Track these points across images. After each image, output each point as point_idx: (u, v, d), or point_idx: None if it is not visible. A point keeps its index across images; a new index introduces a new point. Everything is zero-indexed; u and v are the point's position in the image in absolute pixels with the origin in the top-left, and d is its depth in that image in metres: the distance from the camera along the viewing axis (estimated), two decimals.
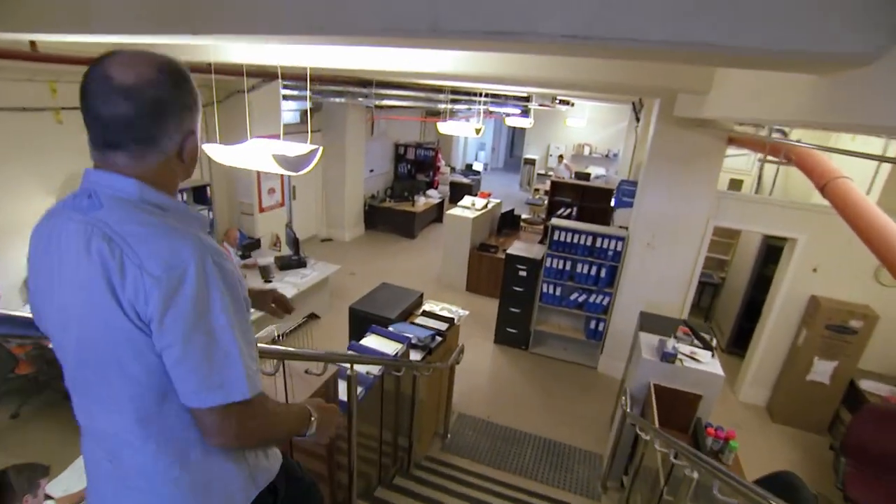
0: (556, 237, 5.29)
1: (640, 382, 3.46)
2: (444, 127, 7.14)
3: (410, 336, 3.44)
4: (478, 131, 7.13)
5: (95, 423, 0.87)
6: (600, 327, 5.42)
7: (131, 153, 0.80)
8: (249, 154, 3.06)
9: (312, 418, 1.04)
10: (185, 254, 0.75)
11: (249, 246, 6.58)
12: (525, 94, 9.87)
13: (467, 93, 9.02)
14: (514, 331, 5.86)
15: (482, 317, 6.58)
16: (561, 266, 5.37)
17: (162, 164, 0.83)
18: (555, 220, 5.37)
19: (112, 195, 0.79)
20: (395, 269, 8.17)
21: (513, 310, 5.78)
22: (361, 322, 3.82)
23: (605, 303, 5.31)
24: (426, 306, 4.31)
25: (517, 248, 5.88)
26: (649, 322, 3.95)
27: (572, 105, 12.54)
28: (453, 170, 13.67)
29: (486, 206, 7.65)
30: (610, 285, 5.31)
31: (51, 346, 0.88)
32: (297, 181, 8.70)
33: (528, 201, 11.02)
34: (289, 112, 9.03)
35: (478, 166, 14.42)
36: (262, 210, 7.04)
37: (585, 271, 5.27)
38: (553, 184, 7.70)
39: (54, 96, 4.87)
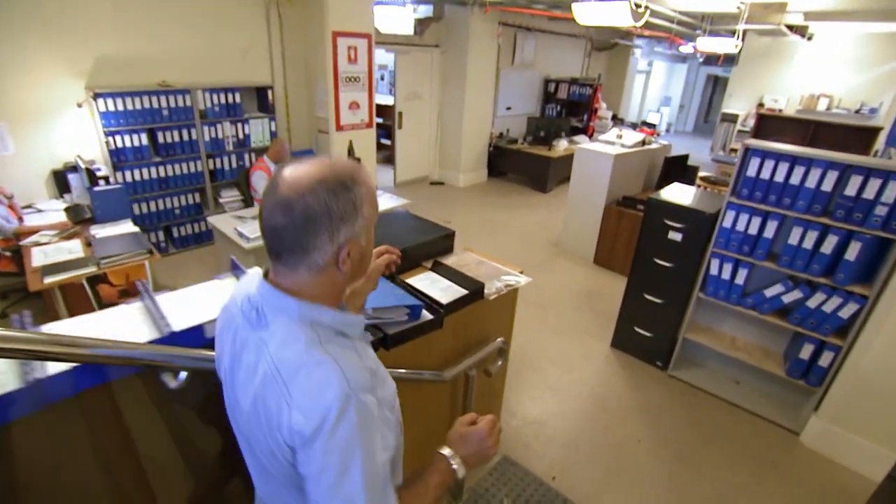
0: (750, 171, 2.72)
1: None
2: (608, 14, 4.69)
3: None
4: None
5: (258, 487, 0.95)
6: (824, 360, 2.72)
7: (286, 265, 0.79)
8: None
9: (454, 466, 0.92)
10: (329, 396, 0.72)
11: None
12: (737, 11, 6.66)
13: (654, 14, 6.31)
14: (646, 334, 3.47)
15: (608, 303, 4.26)
16: (754, 229, 2.79)
17: (317, 275, 0.80)
18: (753, 141, 2.76)
19: (276, 314, 0.80)
20: (504, 225, 6.18)
21: (649, 298, 3.38)
22: None
23: (844, 314, 2.60)
24: (453, 258, 2.34)
25: (671, 192, 3.39)
26: None
27: (809, 37, 8.52)
28: (621, 122, 10.76)
29: (642, 142, 5.08)
30: (866, 280, 2.57)
31: None
32: (405, 106, 7.21)
33: (715, 158, 7.72)
34: (393, 14, 7.50)
35: (654, 119, 11.14)
36: (339, 128, 5.69)
37: (807, 244, 2.62)
38: (761, 118, 4.74)
39: None
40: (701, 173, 6.10)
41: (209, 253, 5.05)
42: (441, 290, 1.93)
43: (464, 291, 1.91)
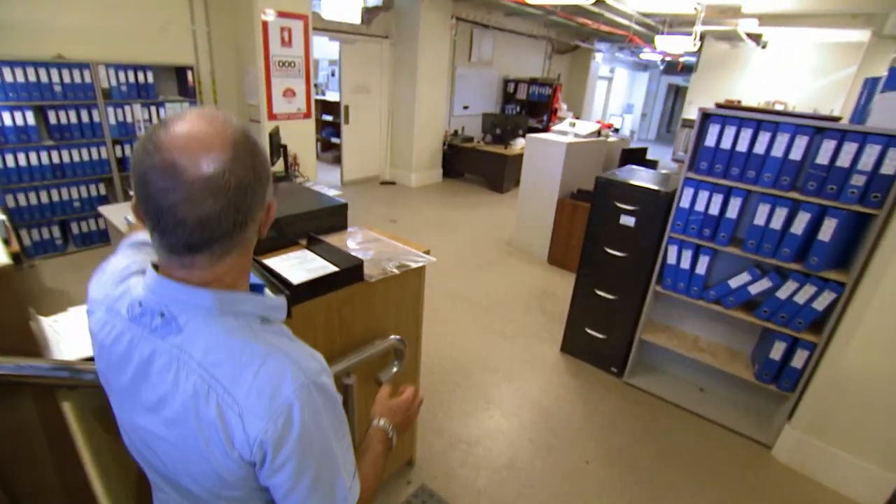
0: (709, 141, 2.34)
1: None
2: None
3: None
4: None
5: None
6: (797, 360, 2.33)
7: (214, 252, 0.62)
8: None
9: (390, 435, 0.93)
10: (286, 391, 0.61)
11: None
12: (693, 13, 6.51)
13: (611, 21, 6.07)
14: (598, 336, 3.03)
15: (560, 304, 3.83)
16: (715, 208, 2.40)
17: (242, 254, 0.66)
18: (709, 108, 2.39)
19: (189, 313, 0.64)
20: (455, 224, 5.73)
21: (601, 294, 2.96)
22: None
23: (819, 305, 2.21)
24: (340, 235, 1.84)
25: (622, 172, 3.00)
26: None
27: (763, 45, 8.60)
28: None
29: (597, 133, 4.74)
30: (842, 266, 2.20)
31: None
32: (352, 100, 6.74)
33: (676, 158, 7.52)
34: (339, 1, 7.02)
35: (617, 124, 11.01)
36: (272, 117, 5.15)
37: (775, 223, 2.24)
38: (718, 107, 4.45)
39: None
40: (661, 170, 5.83)
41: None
42: (308, 270, 1.43)
43: (333, 269, 1.41)
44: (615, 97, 12.99)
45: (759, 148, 2.21)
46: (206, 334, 0.63)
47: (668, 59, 11.31)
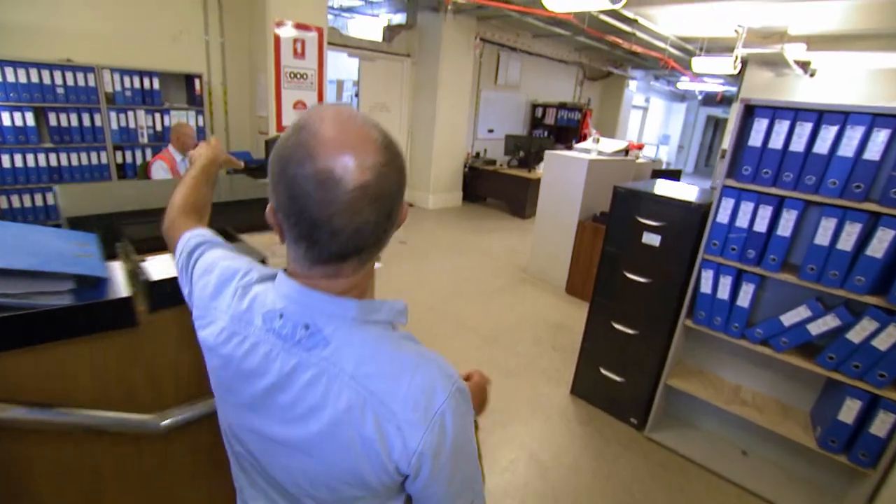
0: (754, 140, 1.88)
1: None
2: None
3: None
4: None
5: None
6: (878, 426, 1.76)
7: (362, 260, 0.61)
8: None
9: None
10: (438, 397, 0.59)
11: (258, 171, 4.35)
12: (733, 35, 6.10)
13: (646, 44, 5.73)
14: (615, 378, 2.52)
15: (575, 338, 3.35)
16: (763, 224, 1.91)
17: (370, 262, 0.65)
18: (755, 99, 1.94)
19: (335, 325, 0.61)
20: (469, 248, 5.33)
21: (619, 328, 2.46)
22: None
23: None
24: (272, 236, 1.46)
25: (646, 184, 2.55)
26: None
27: (812, 73, 8.09)
28: None
29: (623, 152, 4.30)
30: None
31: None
32: (371, 116, 6.49)
33: (714, 186, 6.96)
34: (362, 21, 6.96)
35: (649, 152, 10.49)
36: (281, 130, 4.96)
37: (844, 244, 1.73)
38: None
39: None
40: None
41: None
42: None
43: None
44: (650, 127, 12.49)
45: (821, 146, 1.74)
46: (354, 346, 0.60)
47: (705, 88, 10.82)
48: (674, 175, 4.30)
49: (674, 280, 2.23)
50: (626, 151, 4.35)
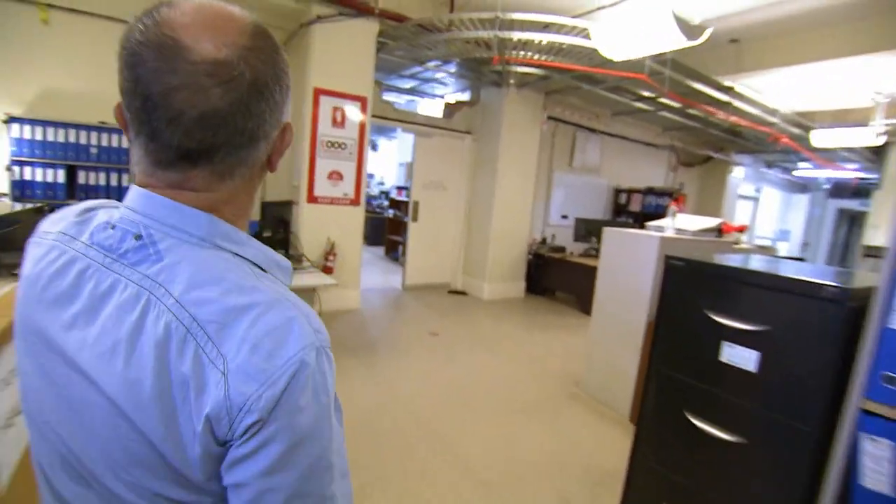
0: None
1: None
2: None
3: None
4: None
5: None
6: None
7: (215, 168, 0.49)
8: None
9: None
10: (291, 346, 0.45)
11: (280, 241, 3.80)
12: (870, 105, 4.95)
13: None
14: None
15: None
16: None
17: (245, 182, 0.52)
18: None
19: (175, 240, 0.49)
20: (515, 344, 4.32)
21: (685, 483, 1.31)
22: None
23: None
24: None
25: (732, 258, 1.49)
26: None
27: None
28: None
29: (714, 232, 3.17)
30: None
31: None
32: (424, 196, 6.08)
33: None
34: (424, 99, 6.72)
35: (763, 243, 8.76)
36: (312, 200, 4.58)
37: None
38: None
39: None
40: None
41: None
42: None
43: None
44: (764, 220, 10.72)
45: None
46: (192, 265, 0.47)
47: (833, 175, 9.12)
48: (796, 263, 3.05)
49: (791, 446, 1.11)
50: (719, 232, 3.22)
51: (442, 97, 6.82)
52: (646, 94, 5.47)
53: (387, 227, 8.60)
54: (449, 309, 5.46)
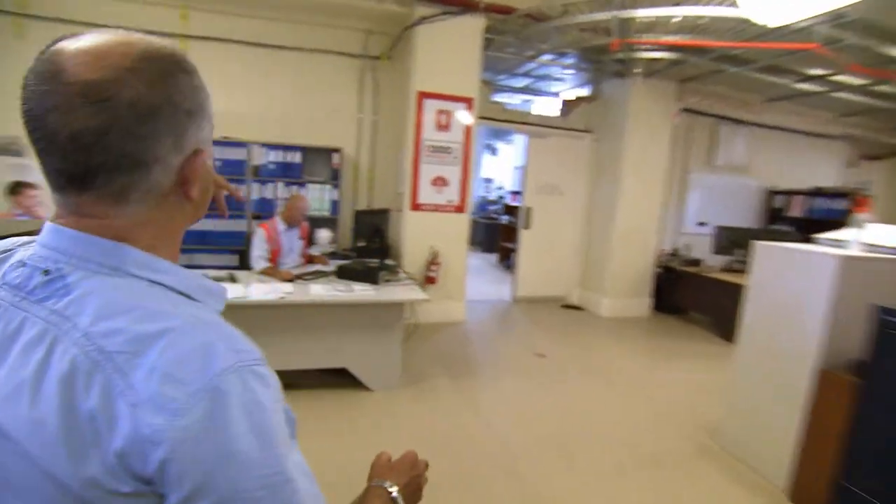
0: None
1: None
2: None
3: None
4: None
5: None
6: None
7: (105, 194, 0.47)
8: None
9: (394, 495, 0.68)
10: (209, 368, 0.43)
11: (375, 251, 3.81)
12: None
13: None
14: None
15: None
16: None
17: (154, 209, 0.51)
18: None
19: (85, 272, 0.47)
20: (632, 380, 3.74)
21: None
22: None
23: None
24: None
25: None
26: None
27: None
28: None
29: None
30: None
31: None
32: (537, 202, 5.68)
33: None
34: (540, 97, 6.21)
35: None
36: (415, 207, 4.46)
37: None
38: None
39: None
40: None
41: None
42: None
43: None
44: None
45: None
46: (101, 296, 0.46)
47: None
48: None
49: None
50: None
51: (558, 94, 6.33)
52: (813, 72, 4.40)
53: (500, 234, 8.31)
54: (560, 326, 4.97)
